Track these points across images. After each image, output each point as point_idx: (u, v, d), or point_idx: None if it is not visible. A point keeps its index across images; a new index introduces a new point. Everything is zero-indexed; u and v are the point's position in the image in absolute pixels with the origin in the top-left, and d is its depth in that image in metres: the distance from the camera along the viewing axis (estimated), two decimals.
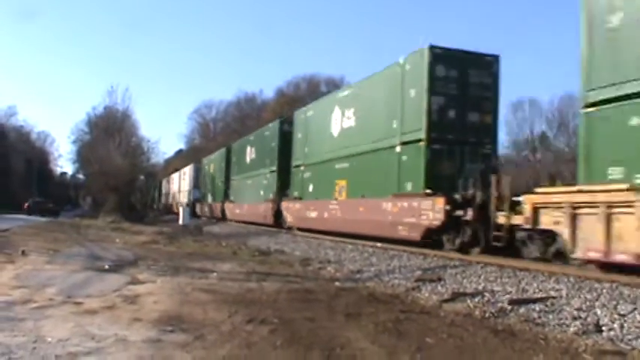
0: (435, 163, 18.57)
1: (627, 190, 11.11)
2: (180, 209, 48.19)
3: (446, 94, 18.99)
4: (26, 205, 59.32)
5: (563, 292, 10.19)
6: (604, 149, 12.13)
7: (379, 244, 19.81)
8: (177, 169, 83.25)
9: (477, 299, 10.27)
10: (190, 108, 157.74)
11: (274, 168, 35.21)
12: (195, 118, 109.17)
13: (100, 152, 61.25)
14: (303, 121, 30.97)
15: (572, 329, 8.01)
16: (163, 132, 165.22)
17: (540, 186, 15.72)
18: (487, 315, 9.12)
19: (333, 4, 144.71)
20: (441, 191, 17.60)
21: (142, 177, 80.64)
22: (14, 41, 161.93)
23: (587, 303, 9.30)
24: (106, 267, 14.04)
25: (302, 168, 30.01)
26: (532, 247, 14.25)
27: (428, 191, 18.23)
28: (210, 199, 56.65)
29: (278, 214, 33.31)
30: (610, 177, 11.82)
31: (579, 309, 8.99)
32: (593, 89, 12.45)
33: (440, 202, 17.26)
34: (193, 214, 53.36)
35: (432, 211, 17.57)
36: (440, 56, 19.06)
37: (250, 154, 41.71)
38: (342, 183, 24.83)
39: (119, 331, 7.21)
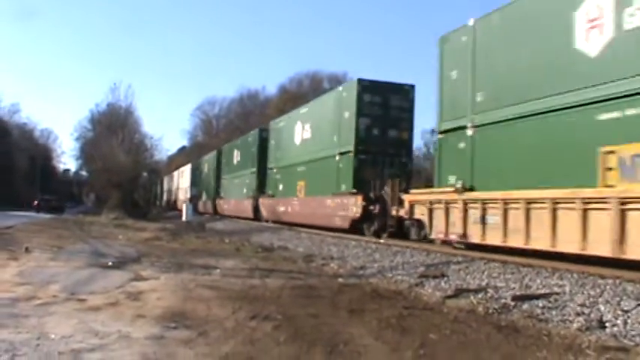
0: (361, 170, 23.93)
1: (453, 191, 16.45)
2: (184, 206, 48.29)
3: (371, 116, 24.47)
4: (36, 202, 61.25)
5: (567, 288, 10.18)
6: (446, 163, 17.59)
7: (382, 241, 19.85)
8: (179, 166, 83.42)
9: (480, 295, 10.27)
10: (193, 104, 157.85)
11: (254, 169, 40.81)
12: (198, 114, 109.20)
13: (103, 149, 61.21)
14: (276, 131, 37.06)
15: (575, 325, 8.00)
16: (166, 129, 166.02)
17: (416, 188, 20.69)
18: (490, 311, 9.11)
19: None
20: (364, 192, 22.91)
21: (145, 174, 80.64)
22: (17, 39, 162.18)
23: (591, 299, 9.29)
24: (110, 264, 14.06)
25: (274, 170, 35.95)
26: (413, 232, 19.25)
27: (353, 191, 23.71)
28: (204, 196, 60.63)
29: (257, 209, 38.68)
30: (449, 182, 17.00)
31: (583, 305, 8.99)
32: (443, 121, 17.93)
33: (359, 200, 22.92)
34: (196, 210, 53.41)
35: (355, 206, 23.24)
36: (367, 87, 24.65)
37: (236, 156, 47.65)
38: (302, 183, 30.52)
39: (122, 327, 7.22)
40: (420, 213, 18.38)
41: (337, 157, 25.70)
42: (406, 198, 19.37)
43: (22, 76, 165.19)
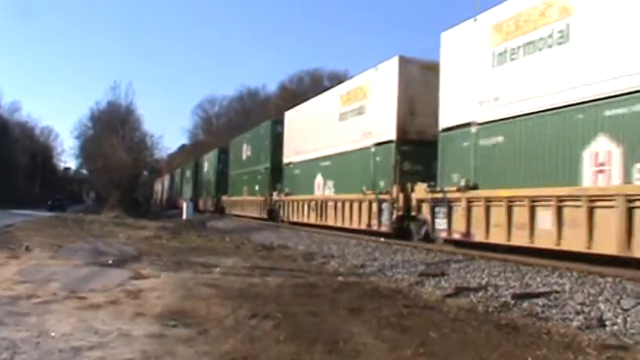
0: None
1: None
2: (184, 204, 48.26)
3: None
4: (49, 202, 65.79)
5: (567, 287, 10.18)
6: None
7: (382, 239, 19.82)
8: (180, 164, 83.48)
9: (480, 294, 10.27)
10: (193, 103, 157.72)
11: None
12: (198, 113, 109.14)
13: (103, 147, 61.38)
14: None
15: (575, 324, 8.01)
16: (167, 127, 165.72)
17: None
18: (490, 310, 9.12)
19: None
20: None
21: (145, 172, 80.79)
22: (18, 36, 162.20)
23: (591, 297, 9.30)
24: (110, 262, 14.07)
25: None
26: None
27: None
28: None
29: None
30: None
31: (582, 303, 8.99)
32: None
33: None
34: (197, 209, 53.35)
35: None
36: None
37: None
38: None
39: (122, 325, 7.23)
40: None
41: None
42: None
43: (23, 74, 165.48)
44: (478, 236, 15.50)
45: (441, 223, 17.31)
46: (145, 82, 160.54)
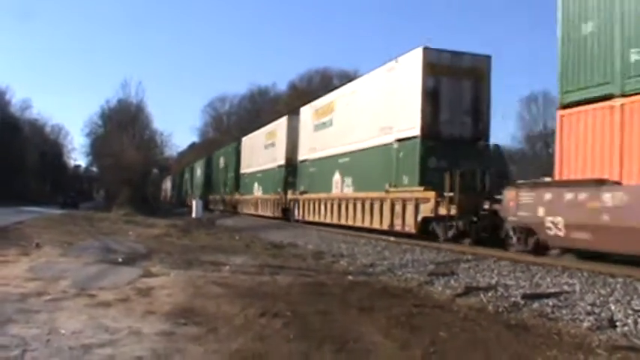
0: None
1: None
2: (194, 202, 48.24)
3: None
4: (62, 200, 67.43)
5: (577, 287, 10.15)
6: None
7: (392, 238, 19.81)
8: (190, 163, 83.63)
9: (490, 294, 10.23)
10: (204, 101, 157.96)
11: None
12: (208, 111, 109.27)
13: (113, 145, 61.54)
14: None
15: (585, 324, 7.97)
16: (177, 125, 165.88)
17: None
18: (500, 309, 9.09)
19: None
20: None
21: (155, 170, 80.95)
22: (29, 34, 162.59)
23: (601, 298, 9.26)
24: (120, 260, 14.10)
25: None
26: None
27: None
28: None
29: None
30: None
31: (593, 304, 8.95)
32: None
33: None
34: (206, 207, 53.39)
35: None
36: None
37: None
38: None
39: (132, 323, 7.24)
40: None
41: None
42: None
43: (34, 72, 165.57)
44: (309, 218, 30.63)
45: (296, 213, 33.01)
46: (155, 80, 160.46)
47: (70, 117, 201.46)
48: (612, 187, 12.00)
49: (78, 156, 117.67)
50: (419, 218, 19.52)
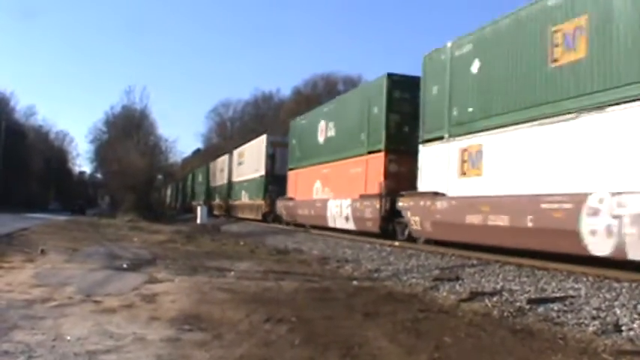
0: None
1: None
2: (199, 208, 48.25)
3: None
4: (72, 207, 73.75)
5: (582, 292, 10.13)
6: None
7: (397, 243, 19.82)
8: (194, 169, 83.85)
9: (495, 298, 10.22)
10: (208, 107, 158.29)
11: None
12: (212, 117, 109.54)
13: (118, 152, 61.58)
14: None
15: (591, 329, 7.95)
16: (181, 131, 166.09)
17: None
18: (505, 314, 9.07)
19: (350, 1, 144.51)
20: None
21: (159, 176, 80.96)
22: (33, 41, 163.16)
23: (607, 302, 9.24)
24: (125, 266, 14.11)
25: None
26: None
27: None
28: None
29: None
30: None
31: (598, 308, 8.93)
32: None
33: None
34: (211, 213, 53.46)
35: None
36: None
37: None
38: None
39: (138, 329, 7.25)
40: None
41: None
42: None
43: (38, 79, 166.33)
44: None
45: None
46: (160, 87, 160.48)
47: (74, 123, 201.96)
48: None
49: (82, 162, 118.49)
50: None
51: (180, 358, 6.07)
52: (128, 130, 68.36)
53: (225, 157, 58.02)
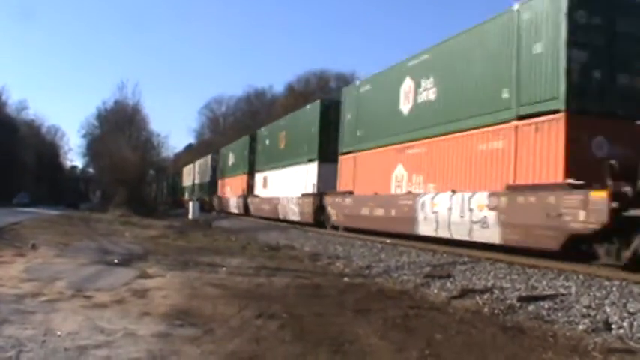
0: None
1: None
2: (190, 204, 48.19)
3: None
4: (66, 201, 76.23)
5: (573, 290, 10.16)
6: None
7: (388, 240, 19.82)
8: (185, 164, 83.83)
9: (486, 296, 10.25)
10: (200, 103, 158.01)
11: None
12: (205, 113, 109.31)
13: (110, 146, 61.40)
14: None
15: (581, 327, 7.99)
16: (173, 127, 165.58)
17: None
18: (496, 311, 9.10)
19: None
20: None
21: (151, 171, 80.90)
22: (25, 35, 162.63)
23: (597, 301, 9.27)
24: (116, 261, 14.10)
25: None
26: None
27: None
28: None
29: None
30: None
31: (588, 306, 8.96)
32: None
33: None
34: (203, 208, 53.37)
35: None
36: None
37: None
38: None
39: (128, 324, 7.25)
40: None
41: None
42: None
43: (30, 73, 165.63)
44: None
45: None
46: (152, 82, 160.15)
47: (66, 118, 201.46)
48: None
49: (74, 157, 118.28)
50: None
51: (172, 354, 6.07)
52: (120, 125, 68.16)
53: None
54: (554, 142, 13.90)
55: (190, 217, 43.71)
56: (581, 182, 12.67)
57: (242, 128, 74.74)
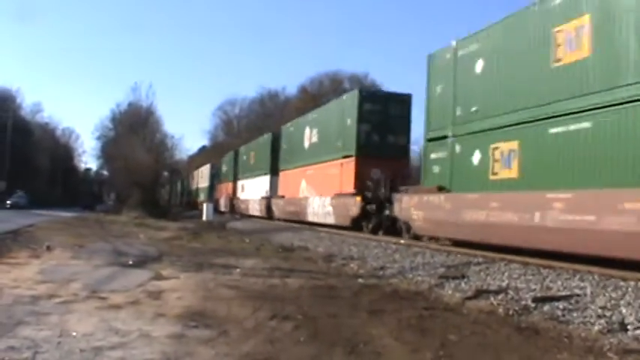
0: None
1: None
2: (204, 205, 48.24)
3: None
4: (83, 203, 76.20)
5: (588, 290, 10.11)
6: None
7: (402, 241, 19.80)
8: (199, 166, 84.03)
9: (500, 297, 10.21)
10: (214, 104, 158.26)
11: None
12: (219, 114, 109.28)
13: (124, 148, 61.67)
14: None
15: (596, 328, 7.94)
16: (187, 128, 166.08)
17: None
18: (511, 312, 9.07)
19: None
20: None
21: (165, 173, 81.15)
22: (39, 39, 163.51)
23: (612, 301, 9.22)
24: (130, 262, 14.13)
25: None
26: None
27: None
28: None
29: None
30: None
31: (604, 307, 8.92)
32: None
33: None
34: (216, 210, 53.45)
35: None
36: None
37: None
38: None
39: (143, 326, 7.26)
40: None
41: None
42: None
43: (45, 76, 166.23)
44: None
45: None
46: (166, 84, 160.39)
47: (80, 120, 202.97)
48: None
49: (88, 159, 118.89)
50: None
51: (186, 355, 6.08)
52: (134, 127, 68.31)
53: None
54: (352, 171, 27.07)
55: (204, 218, 43.78)
56: (354, 191, 26.27)
57: (256, 130, 74.72)
